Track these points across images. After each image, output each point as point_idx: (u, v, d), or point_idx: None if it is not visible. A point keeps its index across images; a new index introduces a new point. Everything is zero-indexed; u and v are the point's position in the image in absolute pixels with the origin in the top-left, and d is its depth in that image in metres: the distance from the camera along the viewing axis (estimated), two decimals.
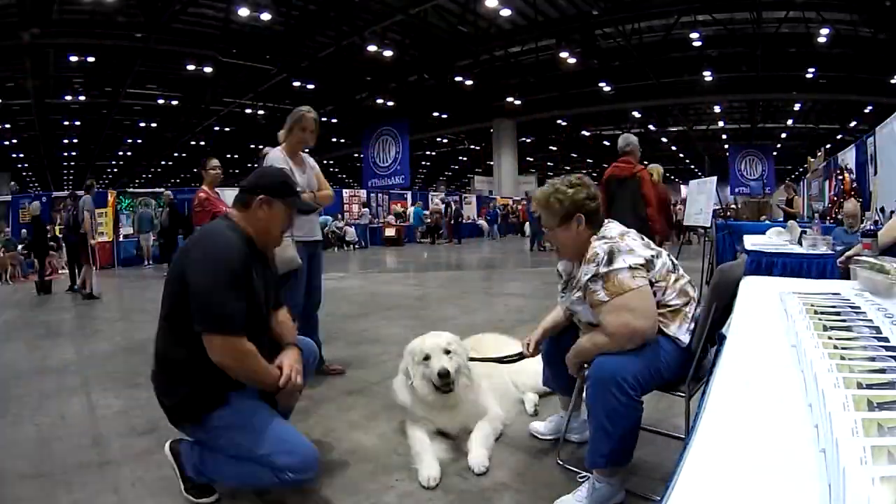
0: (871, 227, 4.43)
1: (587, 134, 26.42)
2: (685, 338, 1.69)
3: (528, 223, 16.21)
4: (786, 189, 9.93)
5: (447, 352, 2.08)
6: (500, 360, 2.23)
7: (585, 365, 1.78)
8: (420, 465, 1.94)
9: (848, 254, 2.50)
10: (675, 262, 1.83)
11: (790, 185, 10.23)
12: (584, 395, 1.80)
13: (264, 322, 1.83)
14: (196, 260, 1.66)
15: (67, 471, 2.07)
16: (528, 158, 27.47)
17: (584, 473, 1.82)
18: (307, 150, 3.17)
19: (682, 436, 2.03)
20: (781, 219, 8.96)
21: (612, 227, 1.80)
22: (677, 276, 1.77)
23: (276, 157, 2.97)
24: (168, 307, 1.74)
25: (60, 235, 8.88)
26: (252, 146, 27.34)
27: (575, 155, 32.37)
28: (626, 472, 1.73)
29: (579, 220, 1.77)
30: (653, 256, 1.73)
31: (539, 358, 2.13)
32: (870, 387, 0.69)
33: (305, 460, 1.64)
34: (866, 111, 18.48)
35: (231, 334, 1.61)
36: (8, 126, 19.99)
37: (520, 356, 2.16)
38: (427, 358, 2.08)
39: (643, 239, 1.81)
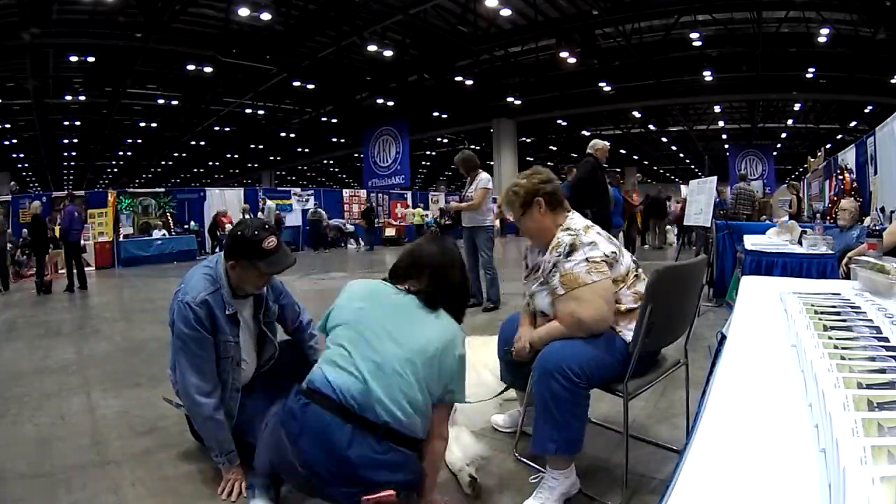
0: (877, 227, 4.43)
1: (587, 134, 26.39)
2: (629, 337, 1.72)
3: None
4: (788, 189, 10.01)
5: None
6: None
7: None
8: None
9: (850, 254, 2.50)
10: (638, 263, 1.87)
11: (793, 185, 10.29)
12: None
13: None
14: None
15: (67, 471, 2.07)
16: (528, 158, 27.45)
17: (538, 473, 1.84)
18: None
19: (664, 444, 2.04)
20: (786, 219, 9.05)
21: (577, 220, 1.85)
22: (636, 277, 1.80)
23: None
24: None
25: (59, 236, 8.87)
26: (252, 146, 27.36)
27: (575, 155, 32.35)
28: (574, 461, 1.74)
29: (539, 203, 1.84)
30: (615, 253, 1.76)
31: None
32: (870, 387, 0.69)
33: None
34: (866, 111, 18.46)
35: None
36: (8, 126, 19.96)
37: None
38: None
39: (607, 234, 1.85)
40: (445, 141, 28.36)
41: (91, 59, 14.32)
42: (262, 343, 2.14)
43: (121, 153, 27.37)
